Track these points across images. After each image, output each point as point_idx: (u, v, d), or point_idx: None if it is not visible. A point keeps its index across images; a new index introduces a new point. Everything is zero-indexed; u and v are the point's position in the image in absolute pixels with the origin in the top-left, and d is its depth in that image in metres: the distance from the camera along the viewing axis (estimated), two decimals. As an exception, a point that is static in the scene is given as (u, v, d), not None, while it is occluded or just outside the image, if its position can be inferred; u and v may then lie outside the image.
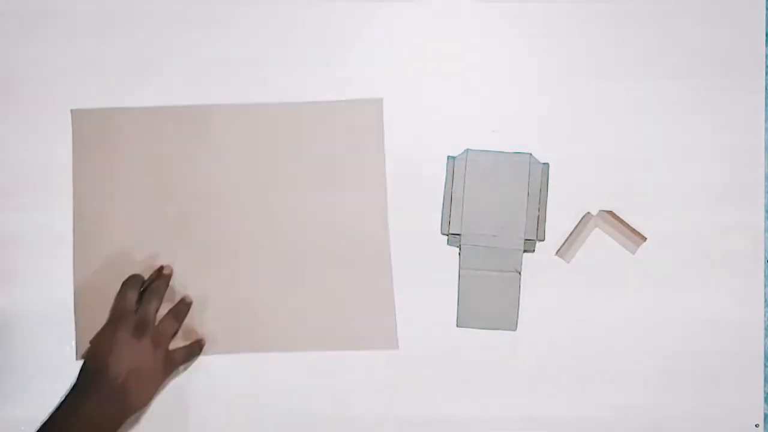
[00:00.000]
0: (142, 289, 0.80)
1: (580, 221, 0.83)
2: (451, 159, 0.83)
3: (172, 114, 0.83)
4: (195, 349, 0.82)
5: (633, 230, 0.82)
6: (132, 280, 0.80)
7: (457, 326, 0.82)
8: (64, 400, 0.74)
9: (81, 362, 0.77)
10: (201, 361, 0.82)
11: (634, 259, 0.83)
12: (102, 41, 0.84)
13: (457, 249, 0.82)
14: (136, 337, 0.76)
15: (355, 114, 0.83)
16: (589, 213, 0.83)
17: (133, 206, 0.83)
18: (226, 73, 0.84)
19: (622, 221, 0.83)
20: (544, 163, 0.82)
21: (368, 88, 0.84)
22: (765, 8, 0.83)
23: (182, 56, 0.84)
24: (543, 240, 0.82)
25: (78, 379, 0.76)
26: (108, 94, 0.84)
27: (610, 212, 0.83)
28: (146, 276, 0.82)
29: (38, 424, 0.73)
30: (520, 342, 0.82)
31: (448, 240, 0.83)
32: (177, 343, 0.81)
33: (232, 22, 0.84)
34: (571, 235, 0.83)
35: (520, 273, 0.82)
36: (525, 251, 0.82)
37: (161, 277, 0.81)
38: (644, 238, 0.82)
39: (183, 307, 0.82)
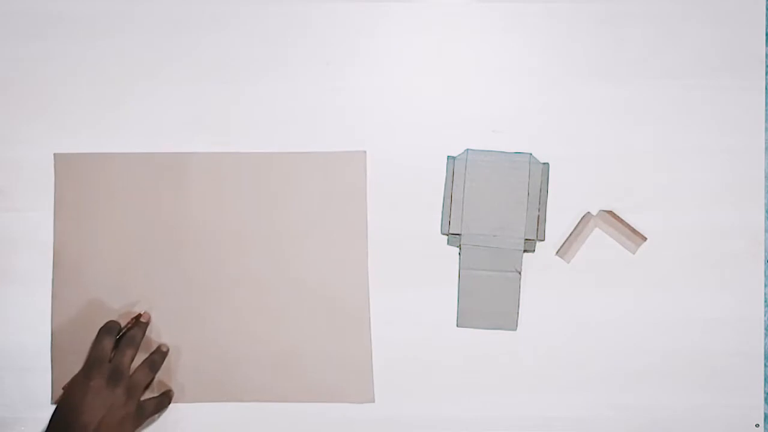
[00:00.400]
0: (118, 336, 0.79)
1: (580, 221, 0.83)
2: (451, 159, 0.83)
3: (153, 161, 0.83)
4: (164, 400, 0.81)
5: (633, 230, 0.82)
6: (108, 327, 0.79)
7: (457, 326, 0.82)
8: None
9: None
10: (175, 408, 0.82)
11: (634, 259, 0.83)
12: (101, 41, 0.84)
13: (457, 249, 0.82)
14: (110, 386, 0.76)
15: (338, 165, 0.83)
16: (589, 213, 0.83)
17: (113, 254, 0.82)
18: (226, 73, 0.84)
19: (622, 221, 0.83)
20: (544, 163, 0.82)
21: (368, 88, 0.84)
22: (765, 8, 0.83)
23: (182, 56, 0.84)
24: (543, 240, 0.82)
25: (49, 425, 0.75)
26: (107, 95, 0.84)
27: (610, 212, 0.83)
28: (124, 322, 0.81)
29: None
30: (520, 342, 0.82)
31: (448, 240, 0.82)
32: (148, 392, 0.81)
33: (232, 22, 0.84)
34: (571, 235, 0.83)
35: (520, 273, 0.81)
36: (525, 251, 0.82)
37: (138, 324, 0.80)
38: (644, 238, 0.82)
39: (158, 357, 0.81)
